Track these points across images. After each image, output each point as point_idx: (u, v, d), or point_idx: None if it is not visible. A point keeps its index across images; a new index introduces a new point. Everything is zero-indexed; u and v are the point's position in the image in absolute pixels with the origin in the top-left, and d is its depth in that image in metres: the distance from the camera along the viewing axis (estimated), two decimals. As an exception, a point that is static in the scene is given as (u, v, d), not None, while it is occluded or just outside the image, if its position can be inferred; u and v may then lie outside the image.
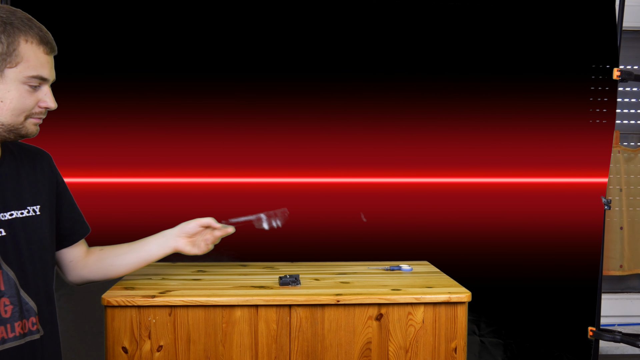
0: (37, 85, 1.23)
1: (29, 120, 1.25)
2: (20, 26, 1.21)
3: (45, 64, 1.24)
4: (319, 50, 2.38)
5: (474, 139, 2.43)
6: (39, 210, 1.31)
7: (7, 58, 1.19)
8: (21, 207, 1.28)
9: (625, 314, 3.20)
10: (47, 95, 1.26)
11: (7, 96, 1.21)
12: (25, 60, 1.21)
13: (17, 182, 1.30)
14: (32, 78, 1.22)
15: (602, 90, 2.37)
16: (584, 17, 2.35)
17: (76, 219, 1.50)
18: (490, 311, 2.45)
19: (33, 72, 1.22)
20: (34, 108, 1.25)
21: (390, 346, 1.70)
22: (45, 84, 1.26)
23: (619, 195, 3.12)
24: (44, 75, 1.24)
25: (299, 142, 2.38)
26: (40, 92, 1.25)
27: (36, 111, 1.26)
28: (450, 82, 2.41)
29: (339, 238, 2.39)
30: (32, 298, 1.25)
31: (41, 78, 1.23)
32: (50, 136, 2.23)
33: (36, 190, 1.33)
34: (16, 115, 1.22)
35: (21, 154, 1.36)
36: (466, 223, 2.44)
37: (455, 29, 2.40)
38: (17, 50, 1.20)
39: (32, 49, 1.22)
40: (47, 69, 1.24)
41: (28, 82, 1.22)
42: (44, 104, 1.26)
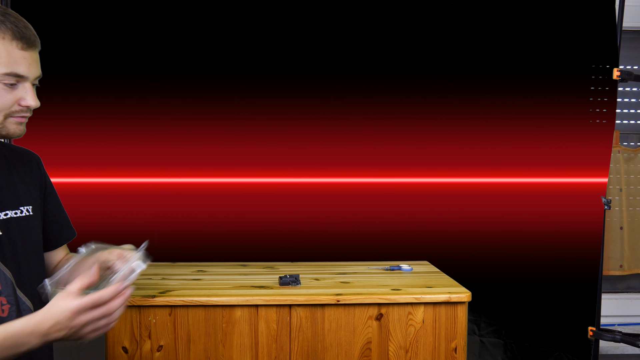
0: (14, 83, 1.17)
1: (10, 120, 1.19)
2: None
3: (20, 60, 1.17)
4: (318, 50, 2.38)
5: (474, 139, 2.43)
6: (32, 211, 1.29)
7: None
8: (15, 207, 1.25)
9: (625, 314, 3.20)
10: (28, 92, 1.19)
11: None
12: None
13: (10, 183, 1.27)
14: (5, 76, 1.15)
15: (602, 90, 2.37)
16: (584, 17, 2.35)
17: (62, 222, 1.43)
18: (490, 311, 2.45)
19: (5, 69, 1.15)
20: (12, 107, 1.18)
21: (390, 346, 1.70)
22: (24, 81, 1.19)
23: (619, 195, 3.12)
24: (19, 72, 1.17)
25: (299, 142, 2.38)
26: (19, 90, 1.18)
27: (16, 109, 1.19)
28: (450, 82, 2.41)
29: (339, 238, 2.39)
30: (29, 297, 1.24)
31: (16, 75, 1.16)
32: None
33: (28, 191, 1.31)
34: None
35: (12, 156, 1.33)
36: (466, 223, 2.44)
37: (455, 29, 2.40)
38: None
39: (4, 45, 1.15)
40: (23, 66, 1.17)
41: (2, 80, 1.16)
42: (24, 102, 1.19)
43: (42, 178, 1.38)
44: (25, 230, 1.26)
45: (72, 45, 2.28)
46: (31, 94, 1.20)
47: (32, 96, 1.20)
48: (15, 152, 1.36)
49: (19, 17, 1.20)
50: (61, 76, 2.24)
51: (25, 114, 1.21)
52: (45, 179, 1.40)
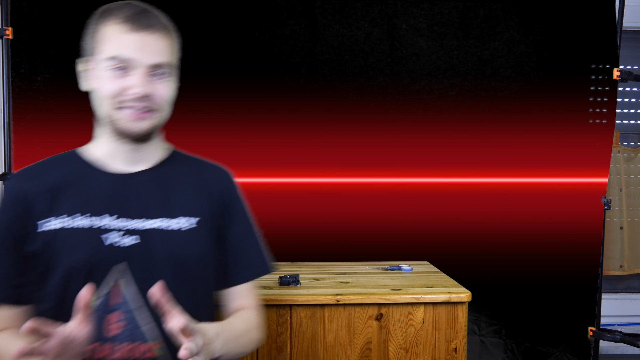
0: (121, 67, 1.08)
1: (121, 112, 1.10)
2: (110, 9, 1.12)
3: (127, 44, 1.08)
4: (322, 51, 2.38)
5: (474, 139, 2.43)
6: (196, 223, 1.16)
7: (94, 44, 1.12)
8: (167, 216, 1.14)
9: (625, 314, 3.20)
10: (135, 79, 1.08)
11: (99, 84, 1.11)
12: (105, 41, 1.10)
13: (169, 190, 1.17)
14: (111, 59, 1.08)
15: (602, 90, 2.36)
16: (584, 17, 2.35)
17: (238, 260, 1.23)
18: (490, 311, 2.45)
19: (112, 53, 1.08)
20: (120, 95, 1.09)
21: (391, 346, 1.70)
22: (133, 67, 1.09)
23: (619, 195, 3.12)
24: (124, 55, 1.08)
25: (298, 142, 2.38)
26: (129, 77, 1.09)
27: (124, 98, 1.09)
28: (450, 82, 2.41)
29: (339, 238, 2.39)
30: (157, 321, 1.07)
31: (121, 59, 1.08)
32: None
33: (194, 204, 1.18)
34: (105, 106, 1.11)
35: (191, 164, 1.24)
36: (466, 223, 2.44)
37: (455, 29, 2.39)
38: (100, 33, 1.11)
39: (113, 29, 1.09)
40: (129, 49, 1.08)
41: (110, 65, 1.08)
42: (130, 90, 1.08)
43: (225, 197, 1.23)
44: (174, 244, 1.12)
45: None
46: (138, 81, 1.08)
47: (138, 83, 1.08)
48: (199, 162, 1.26)
49: (141, 4, 1.12)
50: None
51: (134, 103, 1.09)
52: (231, 200, 1.24)
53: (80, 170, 1.16)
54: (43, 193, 1.12)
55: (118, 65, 1.08)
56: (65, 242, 1.09)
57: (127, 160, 1.17)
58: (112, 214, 1.11)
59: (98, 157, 1.18)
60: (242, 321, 1.19)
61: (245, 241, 1.24)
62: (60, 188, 1.13)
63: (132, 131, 1.11)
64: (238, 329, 1.15)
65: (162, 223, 1.13)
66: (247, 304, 1.24)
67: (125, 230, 1.10)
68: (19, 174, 1.17)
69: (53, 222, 1.10)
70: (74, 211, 1.11)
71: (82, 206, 1.11)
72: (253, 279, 1.25)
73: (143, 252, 1.10)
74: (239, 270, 1.23)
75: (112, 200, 1.13)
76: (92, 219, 1.11)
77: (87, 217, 1.11)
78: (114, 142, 1.16)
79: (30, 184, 1.14)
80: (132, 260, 1.09)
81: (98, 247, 1.09)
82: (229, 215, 1.22)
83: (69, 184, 1.14)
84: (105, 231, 1.10)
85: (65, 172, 1.16)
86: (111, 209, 1.12)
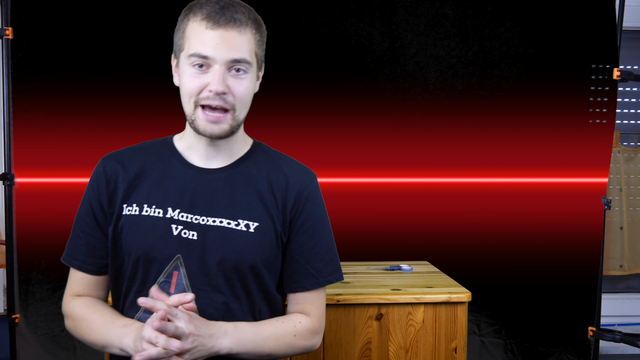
0: (201, 64, 1.10)
1: (199, 112, 1.12)
2: (195, 5, 1.13)
3: (206, 40, 1.09)
4: (320, 51, 2.38)
5: (474, 139, 2.43)
6: (254, 229, 1.18)
7: (180, 41, 1.14)
8: (228, 217, 1.17)
9: (625, 314, 3.20)
10: (214, 76, 1.09)
11: (181, 80, 1.14)
12: (188, 38, 1.12)
13: (237, 192, 1.20)
14: (191, 57, 1.10)
15: (602, 90, 2.36)
16: (584, 17, 2.35)
17: (303, 267, 1.24)
18: (490, 311, 2.45)
19: (192, 50, 1.10)
20: (201, 92, 1.11)
21: (390, 346, 1.70)
22: (212, 64, 1.10)
23: (619, 195, 3.12)
24: (203, 52, 1.09)
25: (298, 142, 2.38)
26: (209, 74, 1.10)
27: (204, 95, 1.11)
28: (450, 82, 2.41)
29: (339, 238, 2.37)
30: (202, 316, 1.13)
31: (200, 56, 1.09)
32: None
33: (258, 208, 1.19)
34: (187, 102, 1.14)
35: (270, 163, 1.25)
36: (466, 223, 2.43)
37: (455, 29, 2.39)
38: (185, 30, 1.13)
39: (195, 26, 1.11)
40: (208, 46, 1.09)
41: (191, 62, 1.10)
42: (209, 87, 1.10)
43: (298, 206, 1.23)
44: (233, 245, 1.16)
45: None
46: (217, 78, 1.10)
47: (216, 80, 1.10)
48: (285, 163, 1.27)
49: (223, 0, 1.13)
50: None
51: (211, 101, 1.11)
52: (305, 209, 1.24)
53: (166, 159, 1.23)
54: (130, 178, 1.20)
55: (198, 62, 1.11)
56: (140, 228, 1.17)
57: (204, 156, 1.22)
58: (182, 207, 1.17)
59: (181, 149, 1.24)
60: (274, 325, 1.21)
61: (314, 249, 1.25)
62: (144, 175, 1.21)
63: (207, 133, 1.15)
64: (265, 332, 1.18)
65: (222, 224, 1.17)
66: (304, 310, 1.26)
67: (189, 225, 1.16)
68: (113, 156, 1.25)
69: (133, 207, 1.19)
70: (151, 200, 1.18)
71: (159, 196, 1.19)
72: (314, 288, 1.25)
73: (199, 248, 1.16)
74: (302, 278, 1.25)
75: (184, 194, 1.18)
76: (165, 209, 1.17)
77: (160, 207, 1.18)
78: (194, 137, 1.20)
79: (122, 167, 1.21)
80: (189, 254, 1.16)
81: (167, 236, 1.16)
82: (299, 222, 1.23)
83: (152, 172, 1.21)
84: (175, 222, 1.16)
85: (152, 159, 1.23)
86: (182, 202, 1.18)
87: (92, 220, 1.22)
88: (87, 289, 1.24)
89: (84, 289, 1.24)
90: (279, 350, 1.20)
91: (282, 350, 1.20)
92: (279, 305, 1.28)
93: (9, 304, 2.12)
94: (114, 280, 1.23)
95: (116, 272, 1.21)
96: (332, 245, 1.29)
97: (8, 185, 2.12)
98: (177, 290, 1.15)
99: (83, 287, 1.24)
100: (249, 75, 1.14)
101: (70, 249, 1.24)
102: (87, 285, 1.24)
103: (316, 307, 1.26)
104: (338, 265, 1.29)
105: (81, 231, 1.23)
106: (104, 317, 1.18)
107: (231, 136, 1.19)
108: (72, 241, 1.24)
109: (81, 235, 1.23)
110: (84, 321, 1.19)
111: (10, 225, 2.11)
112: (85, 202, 1.23)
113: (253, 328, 1.17)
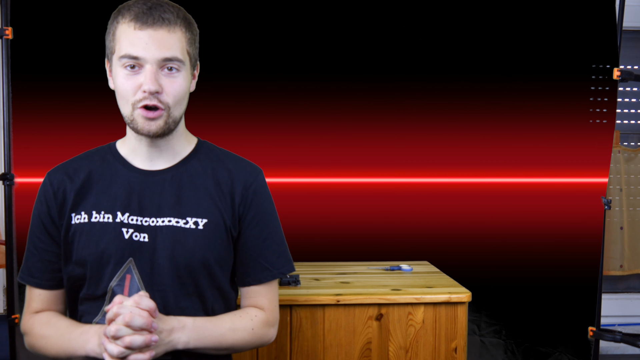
0: (132, 65, 1.10)
1: (137, 112, 1.12)
2: (123, 7, 1.13)
3: (135, 41, 1.09)
4: (322, 51, 2.38)
5: (474, 139, 2.43)
6: (203, 226, 1.19)
7: (111, 44, 1.14)
8: (176, 217, 1.18)
9: (625, 314, 3.20)
10: (146, 76, 1.10)
11: (115, 83, 1.14)
12: (118, 41, 1.12)
13: (184, 190, 1.20)
14: (122, 58, 1.11)
15: (602, 90, 2.36)
16: (584, 17, 2.35)
17: (255, 260, 1.25)
18: (490, 311, 2.45)
19: (123, 52, 1.10)
20: (136, 94, 1.11)
21: (391, 346, 1.70)
22: (144, 64, 1.10)
23: (619, 195, 3.11)
24: (133, 53, 1.09)
25: (298, 142, 2.38)
26: (140, 74, 1.11)
27: (139, 97, 1.11)
28: (450, 82, 2.41)
29: (339, 238, 2.39)
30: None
31: (131, 57, 1.10)
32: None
33: (206, 205, 1.20)
34: (123, 105, 1.14)
35: (215, 160, 1.25)
36: (466, 223, 2.43)
37: (455, 29, 2.39)
38: (114, 33, 1.13)
39: (124, 28, 1.11)
40: (138, 47, 1.09)
41: (123, 64, 1.11)
42: (143, 87, 1.10)
43: (245, 200, 1.24)
44: (182, 244, 1.17)
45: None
46: (148, 77, 1.10)
47: (147, 79, 1.10)
48: (229, 160, 1.27)
49: (151, 1, 1.12)
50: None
51: (147, 102, 1.11)
52: (253, 203, 1.24)
53: (111, 165, 1.23)
54: (77, 188, 1.21)
55: (129, 63, 1.11)
56: (90, 234, 1.17)
57: (148, 158, 1.22)
58: (130, 210, 1.18)
59: (125, 153, 1.24)
60: (232, 319, 1.21)
61: (265, 241, 1.26)
62: (90, 183, 1.22)
63: (144, 131, 1.14)
64: (223, 327, 1.19)
65: (171, 223, 1.17)
66: (258, 304, 1.27)
67: (139, 227, 1.17)
68: (59, 169, 1.26)
69: (82, 215, 1.19)
70: (99, 206, 1.19)
71: (107, 201, 1.19)
72: (268, 280, 1.27)
73: (150, 249, 1.16)
74: (255, 272, 1.26)
75: (132, 197, 1.19)
76: (115, 213, 1.18)
77: (109, 212, 1.18)
78: (135, 140, 1.21)
79: (68, 178, 1.22)
80: (141, 256, 1.16)
81: (118, 240, 1.16)
82: (249, 216, 1.24)
83: (98, 179, 1.22)
84: (125, 225, 1.17)
85: (97, 166, 1.24)
86: (130, 205, 1.18)
87: (45, 235, 1.22)
88: (46, 305, 1.24)
89: (43, 304, 1.24)
90: (237, 344, 1.21)
91: (240, 344, 1.21)
92: (233, 301, 1.29)
93: (9, 304, 2.12)
94: (68, 288, 1.22)
95: (69, 280, 1.21)
96: (282, 237, 1.31)
97: (8, 185, 2.11)
98: (131, 293, 1.15)
99: (42, 303, 1.24)
100: (182, 74, 1.14)
101: (26, 267, 1.24)
102: (46, 301, 1.24)
103: (270, 300, 1.28)
104: (289, 257, 1.31)
105: (34, 248, 1.23)
106: (60, 329, 1.18)
107: (170, 134, 1.19)
108: (27, 260, 1.24)
109: (35, 252, 1.23)
110: (42, 338, 1.19)
111: (10, 225, 2.10)
112: (35, 219, 1.23)
113: (211, 322, 1.18)
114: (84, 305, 1.20)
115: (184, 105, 1.19)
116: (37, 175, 2.22)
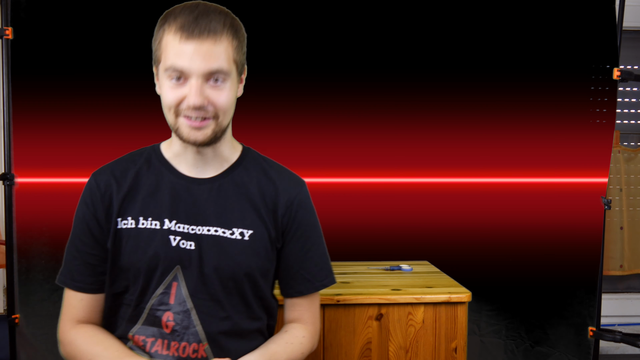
0: (178, 77, 1.09)
1: (181, 120, 1.12)
2: (170, 14, 1.11)
3: (180, 53, 1.07)
4: (323, 51, 2.37)
5: (474, 139, 2.43)
6: (248, 237, 1.19)
7: (157, 52, 1.13)
8: (222, 227, 1.18)
9: (625, 314, 3.20)
10: (191, 89, 1.08)
11: (161, 91, 1.14)
12: (164, 50, 1.11)
13: (229, 201, 1.20)
14: (167, 70, 1.10)
15: (602, 90, 2.36)
16: (584, 17, 2.35)
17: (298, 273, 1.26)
18: (491, 311, 2.45)
19: (168, 63, 1.09)
20: (180, 105, 1.11)
21: (391, 346, 1.70)
22: (188, 77, 1.09)
23: (619, 195, 3.12)
24: (178, 65, 1.08)
25: (297, 141, 2.38)
26: (185, 86, 1.10)
27: (183, 107, 1.10)
28: (450, 82, 2.41)
29: (339, 238, 2.38)
30: (204, 325, 1.16)
31: (176, 69, 1.08)
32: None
33: (251, 216, 1.20)
34: (168, 113, 1.14)
35: (260, 171, 1.25)
36: (466, 223, 2.43)
37: (455, 29, 2.39)
38: (161, 42, 1.12)
39: (169, 38, 1.09)
40: (183, 59, 1.07)
41: (168, 75, 1.10)
42: (188, 101, 1.09)
43: (289, 215, 1.24)
44: (229, 254, 1.17)
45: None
46: (193, 91, 1.09)
47: (193, 92, 1.09)
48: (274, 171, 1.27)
49: (201, 4, 1.12)
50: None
51: (190, 113, 1.11)
52: (297, 218, 1.25)
53: (156, 169, 1.22)
54: (124, 192, 1.20)
55: (174, 74, 1.10)
56: (137, 240, 1.17)
57: (193, 165, 1.21)
58: (178, 217, 1.18)
59: (169, 157, 1.24)
60: (285, 349, 1.22)
61: (308, 254, 1.27)
62: (137, 187, 1.20)
63: (190, 140, 1.14)
64: (280, 357, 1.19)
65: (217, 233, 1.18)
66: (300, 317, 1.28)
67: (186, 235, 1.16)
68: (105, 170, 1.24)
69: (129, 220, 1.18)
70: (146, 212, 1.18)
71: (154, 207, 1.19)
72: (310, 292, 1.28)
73: (196, 257, 1.16)
74: (297, 283, 1.27)
75: (179, 205, 1.19)
76: (162, 220, 1.18)
77: (157, 219, 1.18)
78: (181, 146, 1.21)
79: (115, 182, 1.21)
80: (187, 264, 1.16)
81: (166, 247, 1.16)
82: (292, 229, 1.25)
83: (144, 183, 1.21)
84: (172, 233, 1.17)
85: (143, 170, 1.22)
86: (177, 213, 1.18)
87: (90, 238, 1.20)
88: (87, 311, 1.22)
89: (84, 311, 1.21)
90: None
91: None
92: (275, 310, 1.30)
93: (9, 304, 2.12)
94: (110, 295, 1.21)
95: (113, 287, 1.20)
96: (324, 250, 1.31)
97: (8, 185, 2.12)
98: (177, 300, 1.15)
99: (83, 310, 1.21)
100: (228, 84, 1.13)
101: (67, 271, 1.22)
102: (88, 307, 1.21)
103: (312, 313, 1.30)
104: (331, 269, 1.32)
105: (77, 251, 1.21)
106: (109, 350, 1.15)
107: (216, 143, 1.19)
108: (68, 263, 1.22)
109: (77, 255, 1.21)
110: (88, 354, 1.15)
111: (10, 225, 2.10)
112: (79, 222, 1.21)
113: (274, 356, 1.18)
114: (122, 310, 1.20)
115: (232, 113, 1.18)
116: (37, 175, 2.22)
